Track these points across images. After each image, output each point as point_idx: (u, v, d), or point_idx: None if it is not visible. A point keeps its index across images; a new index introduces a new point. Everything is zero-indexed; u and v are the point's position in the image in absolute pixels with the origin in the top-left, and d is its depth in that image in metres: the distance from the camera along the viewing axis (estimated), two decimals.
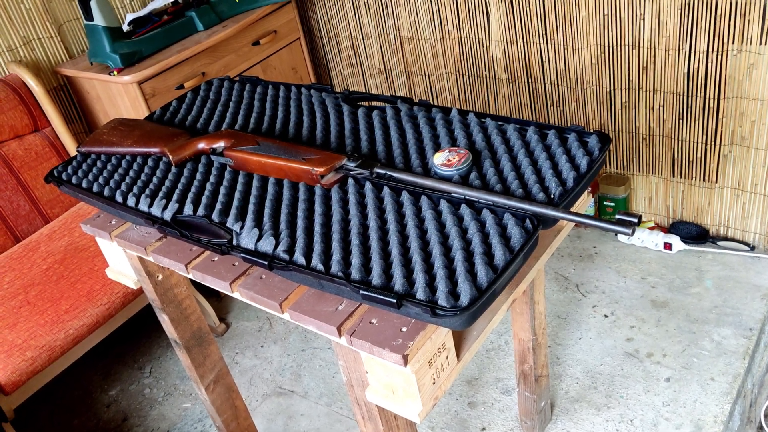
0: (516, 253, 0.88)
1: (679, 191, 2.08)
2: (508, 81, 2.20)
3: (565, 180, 1.00)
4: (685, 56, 1.82)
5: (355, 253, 0.93)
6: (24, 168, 1.97)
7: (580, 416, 1.67)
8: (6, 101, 1.96)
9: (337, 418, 1.81)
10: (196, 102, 1.45)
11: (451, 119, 1.19)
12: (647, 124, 2.01)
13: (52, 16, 2.15)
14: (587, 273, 2.09)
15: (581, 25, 1.94)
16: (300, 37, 2.43)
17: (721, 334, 1.80)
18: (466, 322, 0.83)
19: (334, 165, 1.06)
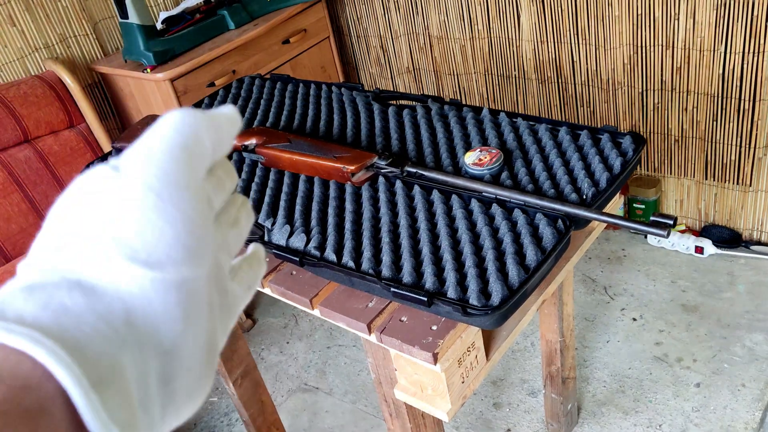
0: (548, 253, 0.87)
1: (712, 194, 2.05)
2: (537, 81, 2.19)
3: (598, 181, 0.99)
4: (720, 57, 1.79)
5: (385, 250, 0.93)
6: (59, 163, 2.01)
7: (608, 420, 1.66)
8: (42, 97, 2.00)
9: (362, 415, 1.82)
10: (228, 99, 1.47)
11: (482, 119, 1.19)
12: (680, 125, 1.98)
13: (88, 14, 2.19)
14: (616, 275, 2.07)
15: (614, 25, 1.92)
16: (329, 35, 2.44)
17: (753, 339, 1.77)
18: (496, 322, 0.83)
19: (365, 163, 1.06)
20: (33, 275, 0.25)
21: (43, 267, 0.25)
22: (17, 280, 0.25)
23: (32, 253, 0.26)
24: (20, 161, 1.95)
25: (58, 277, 0.25)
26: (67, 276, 0.25)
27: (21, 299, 0.24)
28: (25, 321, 0.23)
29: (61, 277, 0.25)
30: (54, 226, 0.26)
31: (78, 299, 0.24)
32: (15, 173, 1.93)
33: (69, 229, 0.26)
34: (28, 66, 2.10)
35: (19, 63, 2.07)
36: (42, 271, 0.25)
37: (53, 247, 0.26)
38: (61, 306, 0.24)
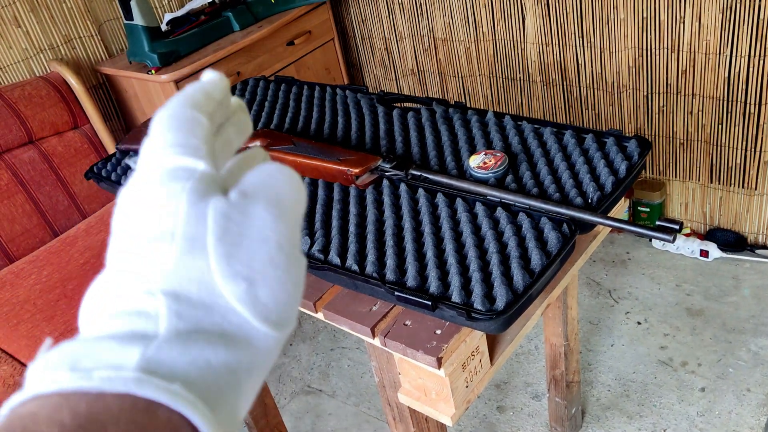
0: (553, 257, 0.87)
1: (717, 198, 2.04)
2: (542, 84, 2.18)
3: (604, 184, 0.99)
4: (726, 60, 1.79)
5: (389, 254, 0.93)
6: (63, 164, 2.01)
7: (612, 424, 1.65)
8: (47, 98, 2.00)
9: (365, 418, 1.82)
10: None
11: (487, 122, 1.19)
12: (685, 128, 1.98)
13: (92, 15, 2.20)
14: (620, 279, 2.06)
15: (619, 28, 1.92)
16: (334, 37, 2.44)
17: (758, 344, 1.76)
18: (501, 326, 0.83)
19: (369, 166, 1.06)
20: (187, 313, 0.27)
21: (195, 308, 0.27)
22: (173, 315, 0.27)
23: (181, 285, 0.27)
24: (24, 162, 1.95)
25: (209, 323, 0.27)
26: (214, 326, 0.27)
27: (177, 351, 0.26)
28: (177, 375, 0.25)
29: (212, 324, 0.27)
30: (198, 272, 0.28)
31: (220, 355, 0.27)
32: (19, 174, 1.94)
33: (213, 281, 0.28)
34: (32, 67, 2.10)
35: (24, 64, 2.08)
36: (194, 311, 0.27)
37: (200, 293, 0.27)
38: (206, 363, 0.26)
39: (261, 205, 0.29)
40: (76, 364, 0.24)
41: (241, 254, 0.27)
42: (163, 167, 0.29)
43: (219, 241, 0.27)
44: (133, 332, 0.26)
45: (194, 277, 0.27)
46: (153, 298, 0.27)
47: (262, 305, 0.27)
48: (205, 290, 0.27)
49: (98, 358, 0.25)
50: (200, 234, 0.27)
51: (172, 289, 0.27)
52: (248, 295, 0.27)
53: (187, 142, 0.29)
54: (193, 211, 0.28)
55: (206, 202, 0.28)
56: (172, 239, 0.27)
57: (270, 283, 0.28)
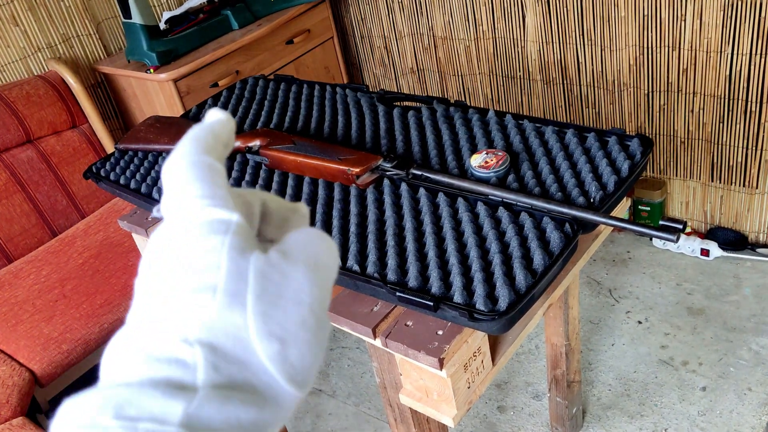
0: (555, 257, 0.86)
1: (718, 196, 2.03)
2: (542, 82, 2.18)
3: (606, 184, 0.98)
4: (727, 58, 1.78)
5: (390, 254, 0.92)
6: (62, 163, 2.00)
7: (612, 423, 1.64)
8: (45, 97, 1.99)
9: (365, 418, 1.81)
10: (232, 100, 1.46)
11: (488, 120, 1.18)
12: (686, 127, 1.97)
13: (91, 13, 2.19)
14: (621, 278, 2.06)
15: (619, 26, 1.91)
16: (333, 36, 2.43)
17: (759, 343, 1.75)
18: (503, 327, 0.82)
19: (370, 165, 1.05)
20: (223, 367, 0.28)
21: (230, 362, 0.28)
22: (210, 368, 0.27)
23: (218, 339, 0.28)
24: (23, 162, 1.95)
25: (242, 379, 0.28)
26: (246, 383, 0.28)
27: (215, 409, 0.26)
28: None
29: (244, 380, 0.28)
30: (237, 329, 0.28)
31: (251, 414, 0.27)
32: (17, 174, 1.93)
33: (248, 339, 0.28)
34: (30, 66, 2.09)
35: (22, 63, 2.07)
36: (229, 365, 0.28)
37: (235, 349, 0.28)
38: (237, 422, 0.27)
39: (300, 269, 0.30)
40: (121, 412, 0.25)
41: (276, 314, 0.28)
42: (199, 221, 0.29)
43: (258, 299, 0.28)
44: (170, 380, 0.26)
45: (231, 332, 0.28)
46: (190, 347, 0.27)
47: (290, 366, 0.28)
48: (240, 346, 0.28)
49: (142, 407, 0.25)
50: (241, 290, 0.28)
51: (209, 342, 0.27)
52: (280, 355, 0.28)
53: (214, 193, 0.30)
54: (234, 266, 0.28)
55: (247, 258, 0.29)
56: (213, 293, 0.28)
57: (300, 345, 0.29)
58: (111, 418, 0.24)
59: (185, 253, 0.29)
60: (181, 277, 0.28)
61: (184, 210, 0.30)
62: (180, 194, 0.30)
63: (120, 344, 0.29)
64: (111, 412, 0.25)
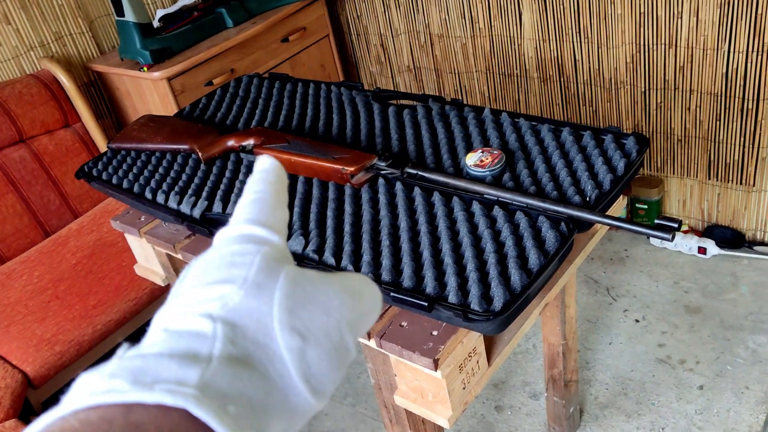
0: (551, 257, 0.85)
1: (715, 194, 2.03)
2: (539, 80, 2.17)
3: (602, 182, 0.97)
4: (724, 56, 1.77)
5: (385, 254, 0.91)
6: (54, 163, 1.99)
7: (610, 423, 1.64)
8: (38, 96, 1.98)
9: (362, 418, 1.80)
10: (226, 99, 1.45)
11: (484, 119, 1.17)
12: (683, 125, 1.96)
13: (83, 12, 2.17)
14: (618, 276, 2.05)
15: (616, 24, 1.90)
16: (329, 34, 2.42)
17: (756, 341, 1.75)
18: (498, 327, 0.81)
19: (364, 164, 1.04)
20: (240, 343, 0.28)
21: (248, 341, 0.28)
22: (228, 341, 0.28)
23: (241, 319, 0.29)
24: (15, 161, 1.93)
25: (257, 360, 0.28)
26: (260, 364, 0.28)
27: (228, 378, 0.27)
28: (227, 401, 0.26)
29: (259, 361, 0.28)
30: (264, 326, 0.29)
31: (258, 393, 0.27)
32: (10, 173, 1.91)
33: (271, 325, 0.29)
34: (23, 65, 2.07)
35: (14, 62, 2.05)
36: (247, 343, 0.28)
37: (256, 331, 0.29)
38: (247, 396, 0.27)
39: (336, 290, 0.31)
40: (137, 378, 0.25)
41: (302, 314, 0.29)
42: (235, 233, 0.32)
43: (286, 297, 0.29)
44: (188, 351, 0.27)
45: (255, 316, 0.29)
46: (210, 321, 0.28)
47: (306, 364, 0.29)
48: (261, 330, 0.28)
49: (159, 374, 0.26)
50: (269, 285, 0.29)
51: (231, 320, 0.28)
52: (299, 350, 0.29)
53: (263, 221, 0.33)
54: (266, 266, 0.30)
55: (280, 265, 0.30)
56: (242, 283, 0.29)
57: (319, 349, 0.29)
58: (127, 383, 0.25)
59: (218, 254, 0.31)
60: (212, 269, 0.30)
61: (231, 225, 0.33)
62: (236, 216, 0.33)
63: (153, 325, 0.30)
64: (128, 378, 0.25)
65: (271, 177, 0.36)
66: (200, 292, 0.29)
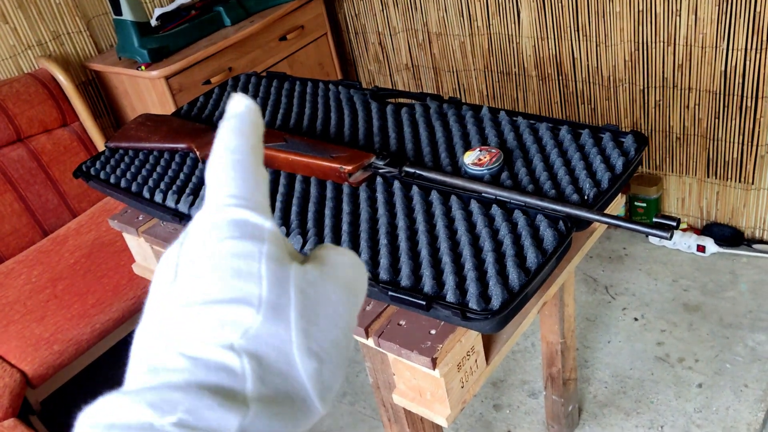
0: (549, 255, 0.85)
1: (714, 192, 2.03)
2: (538, 78, 2.17)
3: (600, 181, 0.97)
4: (723, 54, 1.77)
5: (383, 253, 0.91)
6: (52, 162, 1.99)
7: (609, 421, 1.64)
8: (35, 95, 1.97)
9: (360, 417, 1.80)
10: (224, 98, 1.45)
11: (482, 117, 1.17)
12: (681, 123, 1.96)
13: (81, 10, 2.17)
14: (617, 275, 2.05)
15: (615, 22, 1.90)
16: (327, 32, 2.42)
17: (755, 339, 1.75)
18: (497, 326, 0.81)
19: (362, 163, 1.04)
20: (269, 379, 0.28)
21: (274, 375, 0.28)
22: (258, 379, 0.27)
23: (263, 350, 0.28)
24: (13, 160, 1.93)
25: (283, 393, 0.28)
26: (287, 397, 0.28)
27: (265, 422, 0.26)
28: None
29: (285, 394, 0.28)
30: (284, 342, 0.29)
31: (288, 427, 0.28)
32: (8, 173, 1.91)
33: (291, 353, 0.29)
34: (20, 64, 2.07)
35: (12, 61, 2.05)
36: (274, 378, 0.28)
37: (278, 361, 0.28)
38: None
39: (337, 291, 0.31)
40: (182, 419, 0.24)
41: (316, 333, 0.29)
42: (227, 218, 0.29)
43: (300, 316, 0.29)
44: (221, 388, 0.26)
45: (275, 345, 0.28)
46: (237, 356, 0.27)
47: (323, 384, 0.29)
48: (283, 360, 0.28)
49: (201, 416, 0.25)
50: (284, 305, 0.28)
51: (255, 352, 0.27)
52: (317, 372, 0.29)
53: (251, 196, 0.30)
54: (275, 278, 0.29)
55: (286, 270, 0.29)
56: (258, 305, 0.28)
57: (333, 364, 0.29)
58: (171, 425, 0.24)
59: (214, 251, 0.29)
60: (217, 280, 0.28)
61: (214, 206, 0.30)
62: (217, 190, 0.30)
63: (152, 337, 0.28)
64: (172, 418, 0.24)
65: (246, 126, 0.32)
66: (212, 314, 0.28)
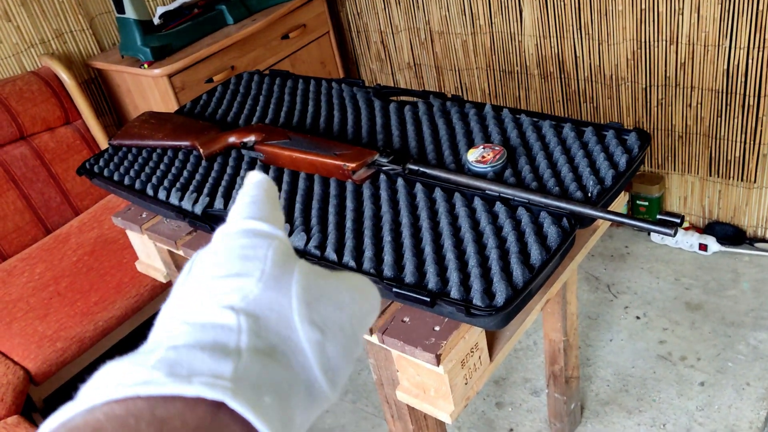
0: (553, 252, 0.85)
1: (716, 191, 2.03)
2: (540, 77, 2.17)
3: (604, 178, 0.97)
4: (725, 52, 1.77)
5: (387, 250, 0.91)
6: (55, 160, 1.99)
7: (611, 419, 1.64)
8: (38, 94, 1.98)
9: (363, 415, 1.80)
10: (227, 95, 1.45)
11: (485, 115, 1.17)
12: (684, 121, 1.96)
13: (84, 9, 2.17)
14: (619, 273, 2.05)
15: (617, 20, 1.90)
16: (329, 31, 2.42)
17: (757, 338, 1.75)
18: (500, 323, 0.81)
19: (366, 160, 1.04)
20: (265, 335, 0.28)
21: (271, 333, 0.29)
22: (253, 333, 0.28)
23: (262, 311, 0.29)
24: (16, 158, 1.93)
25: (281, 353, 0.28)
26: (284, 357, 0.29)
27: (257, 369, 0.27)
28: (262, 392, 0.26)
29: (283, 354, 0.28)
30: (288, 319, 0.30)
31: (284, 384, 0.28)
32: (11, 171, 1.91)
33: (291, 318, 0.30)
34: (23, 62, 2.07)
35: (15, 59, 2.05)
36: (271, 335, 0.29)
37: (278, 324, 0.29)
38: (276, 386, 0.27)
39: (344, 286, 0.32)
40: (173, 370, 0.25)
41: (319, 308, 0.30)
42: (238, 227, 0.32)
43: (303, 290, 0.30)
44: (216, 343, 0.27)
45: (275, 308, 0.29)
46: (234, 314, 0.28)
47: (327, 358, 0.29)
48: (283, 322, 0.29)
49: (194, 366, 0.25)
50: (286, 279, 0.29)
51: (253, 312, 0.28)
52: (320, 344, 0.29)
53: (264, 216, 0.32)
54: (280, 260, 0.30)
55: (293, 260, 0.31)
56: (259, 275, 0.29)
57: (336, 343, 0.30)
58: (164, 376, 0.24)
59: (227, 246, 0.30)
60: (224, 262, 0.30)
61: (229, 224, 0.32)
62: (234, 216, 0.32)
63: (163, 318, 0.29)
64: (164, 370, 0.25)
65: (264, 186, 0.35)
66: (216, 285, 0.29)
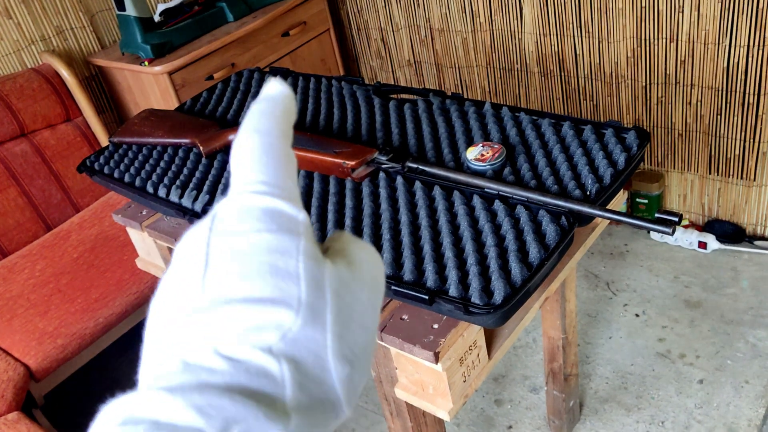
0: (551, 250, 0.86)
1: (716, 189, 2.03)
2: (540, 74, 2.17)
3: (602, 176, 0.97)
4: (725, 50, 1.77)
5: (386, 248, 0.91)
6: (56, 157, 1.99)
7: (610, 417, 1.64)
8: (39, 91, 1.98)
9: (362, 412, 1.81)
10: (227, 93, 1.45)
11: (485, 113, 1.17)
12: (684, 119, 1.96)
13: (84, 6, 2.17)
14: (618, 271, 2.05)
15: (617, 18, 1.90)
16: (329, 28, 2.42)
17: (756, 335, 1.75)
18: (499, 320, 0.81)
19: (365, 158, 1.05)
20: (306, 386, 0.27)
21: (311, 381, 0.28)
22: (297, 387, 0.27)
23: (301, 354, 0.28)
24: (17, 155, 1.93)
25: (318, 400, 0.27)
26: (322, 404, 0.28)
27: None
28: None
29: (320, 401, 0.28)
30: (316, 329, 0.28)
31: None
32: (11, 167, 1.92)
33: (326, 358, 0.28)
34: (24, 59, 2.08)
35: (16, 56, 2.05)
36: (311, 384, 0.28)
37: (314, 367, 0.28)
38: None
39: (365, 291, 0.30)
40: (228, 428, 0.24)
41: (348, 337, 0.28)
42: (260, 206, 0.28)
43: (335, 320, 0.28)
44: (263, 395, 0.25)
45: (312, 349, 0.27)
46: (276, 361, 0.26)
47: (353, 389, 0.29)
48: (319, 365, 0.27)
49: (249, 427, 0.24)
50: (321, 308, 0.28)
51: (293, 357, 0.27)
52: (348, 378, 0.28)
53: (284, 184, 0.29)
54: (313, 280, 0.28)
55: (322, 270, 0.28)
56: (297, 307, 0.27)
57: (361, 369, 0.29)
58: (209, 428, 0.23)
59: (256, 247, 0.27)
60: (255, 277, 0.27)
61: (246, 192, 0.28)
62: (247, 175, 0.28)
63: (182, 329, 0.27)
64: (218, 424, 0.24)
65: (279, 110, 0.30)
66: (250, 313, 0.26)
